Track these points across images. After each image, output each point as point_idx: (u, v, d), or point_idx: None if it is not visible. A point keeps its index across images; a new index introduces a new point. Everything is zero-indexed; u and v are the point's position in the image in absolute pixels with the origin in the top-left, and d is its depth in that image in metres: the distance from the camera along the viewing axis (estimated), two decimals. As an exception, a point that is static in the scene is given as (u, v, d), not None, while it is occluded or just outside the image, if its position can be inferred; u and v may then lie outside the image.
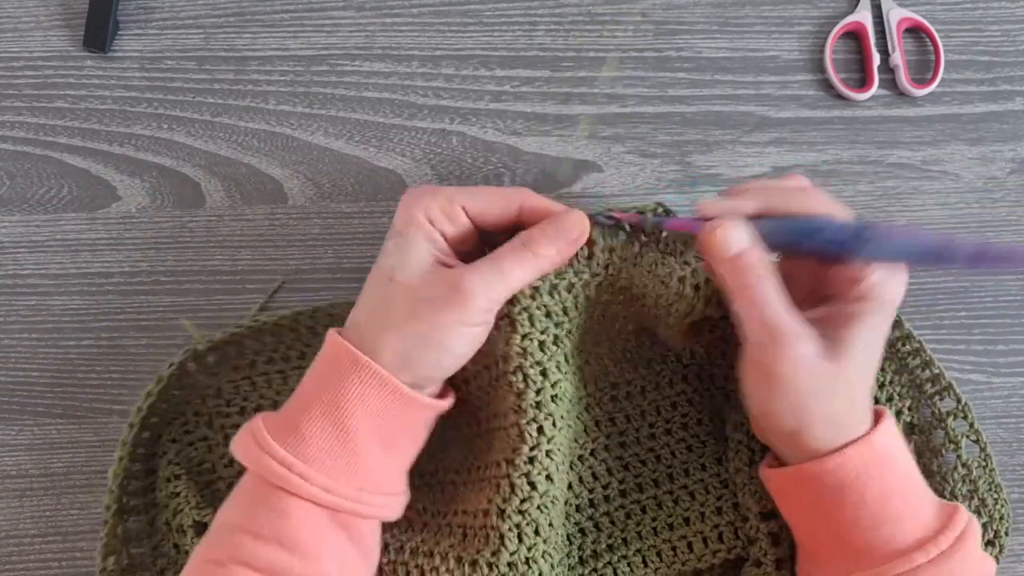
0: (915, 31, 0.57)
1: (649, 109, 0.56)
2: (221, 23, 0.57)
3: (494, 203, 0.44)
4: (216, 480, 0.51)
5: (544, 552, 0.44)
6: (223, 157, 0.55)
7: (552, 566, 0.45)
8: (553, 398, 0.44)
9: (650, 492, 0.50)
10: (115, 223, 0.55)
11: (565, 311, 0.45)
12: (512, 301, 0.44)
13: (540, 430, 0.43)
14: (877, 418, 0.43)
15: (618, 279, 0.46)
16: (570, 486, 0.49)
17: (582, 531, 0.49)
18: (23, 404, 0.53)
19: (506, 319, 0.44)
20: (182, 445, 0.51)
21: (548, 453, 0.43)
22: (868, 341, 0.42)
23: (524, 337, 0.44)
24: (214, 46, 0.56)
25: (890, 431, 0.43)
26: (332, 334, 0.43)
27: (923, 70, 0.57)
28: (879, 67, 0.56)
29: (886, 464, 0.42)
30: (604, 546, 0.49)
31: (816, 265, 0.44)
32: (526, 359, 0.43)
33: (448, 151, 0.56)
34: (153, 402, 0.49)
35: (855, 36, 0.57)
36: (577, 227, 0.44)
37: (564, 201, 0.54)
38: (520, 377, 0.43)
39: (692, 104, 0.56)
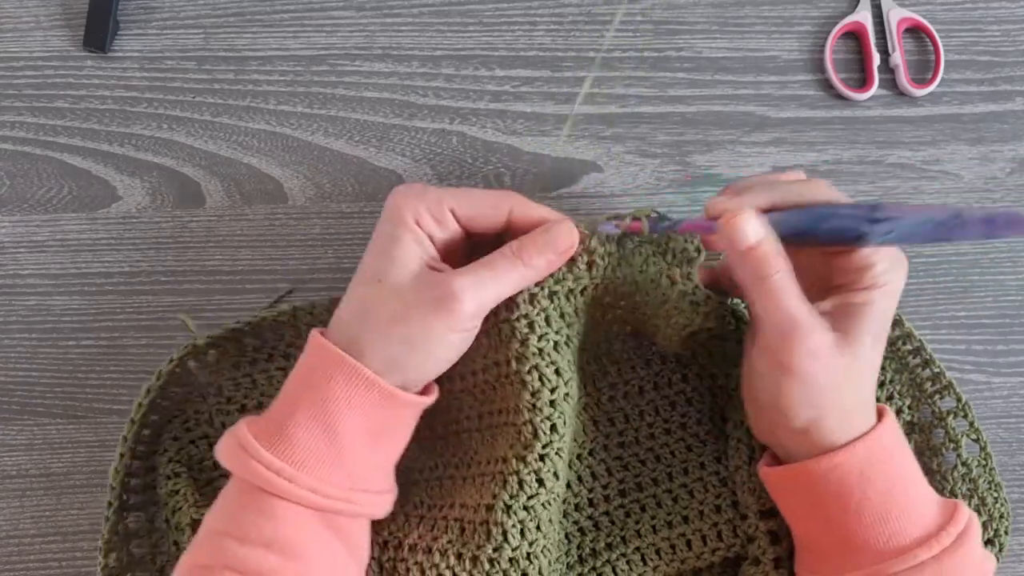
0: (915, 31, 0.57)
1: (649, 109, 0.56)
2: (221, 23, 0.57)
3: (483, 207, 0.44)
4: (217, 478, 0.51)
5: (544, 547, 0.44)
6: (223, 157, 0.55)
7: (550, 562, 0.45)
8: (565, 396, 0.44)
9: (649, 491, 0.50)
10: (115, 223, 0.55)
11: (563, 316, 0.45)
12: (510, 307, 0.44)
13: (553, 428, 0.43)
14: (880, 415, 0.43)
15: (615, 284, 0.46)
16: (569, 485, 0.49)
17: (581, 530, 0.49)
18: (23, 404, 0.53)
19: (507, 324, 0.44)
20: (183, 443, 0.51)
21: (558, 451, 0.44)
22: (876, 331, 0.42)
23: (541, 338, 0.44)
24: (214, 46, 0.56)
25: (893, 428, 0.43)
26: (315, 335, 0.43)
27: (923, 70, 0.57)
28: (879, 67, 0.56)
29: (889, 461, 0.42)
30: (603, 544, 0.49)
31: (822, 257, 0.43)
32: (543, 359, 0.44)
33: (448, 151, 0.56)
34: (154, 398, 0.49)
35: (855, 36, 0.57)
36: (567, 239, 0.44)
37: (565, 202, 0.55)
38: (536, 376, 0.43)
39: (692, 104, 0.56)
